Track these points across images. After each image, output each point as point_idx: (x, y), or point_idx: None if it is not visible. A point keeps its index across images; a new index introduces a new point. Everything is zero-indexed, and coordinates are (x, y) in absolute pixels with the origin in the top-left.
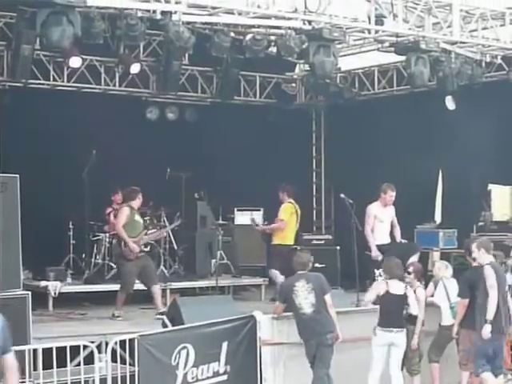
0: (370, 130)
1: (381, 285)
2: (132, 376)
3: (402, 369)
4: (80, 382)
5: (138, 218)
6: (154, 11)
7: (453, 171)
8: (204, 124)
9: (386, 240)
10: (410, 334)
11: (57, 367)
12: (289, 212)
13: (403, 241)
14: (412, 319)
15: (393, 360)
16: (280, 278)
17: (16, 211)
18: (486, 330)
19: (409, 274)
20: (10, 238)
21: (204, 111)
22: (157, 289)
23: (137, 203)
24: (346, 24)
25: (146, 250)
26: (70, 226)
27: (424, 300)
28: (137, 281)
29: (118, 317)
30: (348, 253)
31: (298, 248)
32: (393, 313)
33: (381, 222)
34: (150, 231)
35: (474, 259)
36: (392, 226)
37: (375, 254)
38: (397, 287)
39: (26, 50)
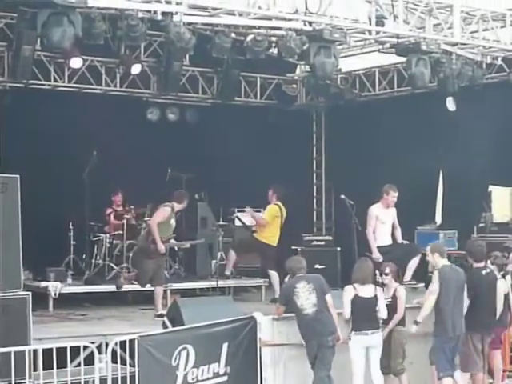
0: (370, 131)
1: (349, 290)
2: (132, 377)
3: (389, 372)
4: (80, 382)
5: (173, 221)
6: (155, 12)
7: (453, 172)
8: (205, 125)
9: (388, 241)
10: (396, 334)
11: (57, 368)
12: (273, 214)
13: (404, 242)
14: (401, 320)
15: (372, 362)
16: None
17: (16, 212)
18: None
19: (386, 275)
20: (10, 239)
21: (205, 112)
22: (160, 290)
23: (179, 207)
24: (347, 25)
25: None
26: (71, 227)
27: (404, 298)
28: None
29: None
30: (348, 254)
31: (299, 249)
32: (365, 315)
33: (382, 223)
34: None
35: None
36: (393, 228)
37: (376, 255)
38: (366, 290)
39: (27, 50)
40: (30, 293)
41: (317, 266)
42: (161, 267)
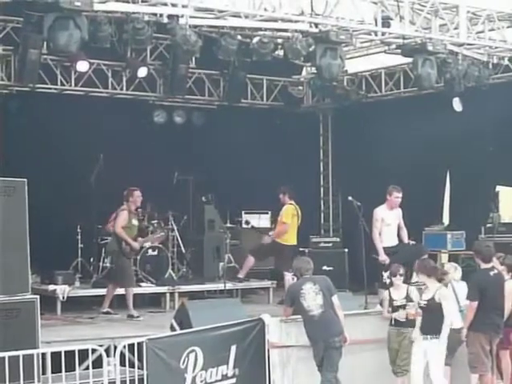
0: (377, 133)
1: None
2: (141, 379)
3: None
4: None
5: (135, 221)
6: (161, 15)
7: (460, 173)
8: (211, 127)
9: (394, 242)
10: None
11: (65, 371)
12: (290, 214)
13: (411, 242)
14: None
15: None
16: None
17: (24, 215)
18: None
19: (400, 275)
20: (18, 242)
21: (211, 114)
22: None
23: (132, 205)
24: (353, 26)
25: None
26: (78, 230)
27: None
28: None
29: (137, 317)
30: (356, 255)
31: (306, 251)
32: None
33: (388, 225)
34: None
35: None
36: (399, 228)
37: (382, 257)
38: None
39: (33, 54)
40: (38, 296)
41: (324, 267)
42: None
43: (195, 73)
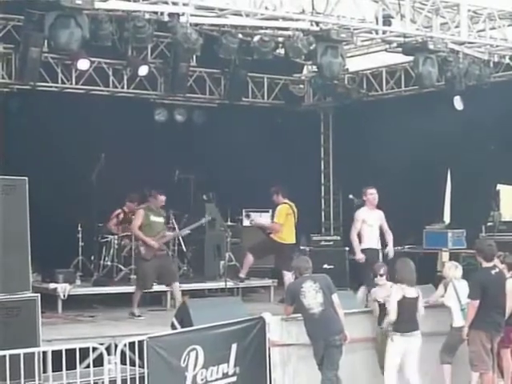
0: (378, 131)
1: (398, 291)
2: (141, 378)
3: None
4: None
5: (154, 218)
6: (162, 13)
7: (461, 171)
8: (212, 125)
9: (375, 244)
10: None
11: (66, 369)
12: (284, 213)
13: (391, 250)
14: None
15: (411, 363)
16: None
17: (25, 214)
18: None
19: (381, 276)
20: (18, 241)
21: (212, 113)
22: (174, 287)
23: (155, 202)
24: (354, 25)
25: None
26: (79, 229)
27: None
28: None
29: (139, 316)
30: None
31: (307, 249)
32: (410, 317)
33: (369, 226)
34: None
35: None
36: (384, 232)
37: (359, 256)
38: (411, 291)
39: (34, 52)
40: (38, 295)
41: (325, 265)
42: (163, 266)
43: (196, 71)
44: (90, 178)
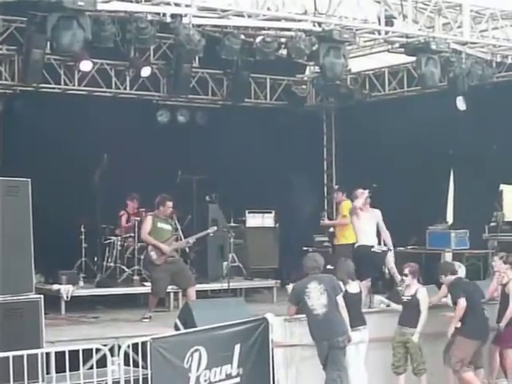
0: (380, 131)
1: None
2: (145, 379)
3: (402, 371)
4: None
5: (162, 224)
6: (164, 14)
7: (464, 172)
8: (214, 127)
9: (370, 241)
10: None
11: (69, 370)
12: (347, 209)
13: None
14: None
15: (361, 357)
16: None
17: (28, 215)
18: None
19: (405, 275)
20: (21, 242)
21: (215, 114)
22: (190, 291)
23: (163, 210)
24: (356, 25)
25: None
26: (82, 230)
27: (427, 300)
28: (149, 284)
29: (145, 318)
30: None
31: (310, 250)
32: (356, 312)
33: (364, 223)
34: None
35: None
36: (381, 231)
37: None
38: (354, 286)
39: (37, 54)
40: (42, 296)
41: (328, 266)
42: (178, 271)
43: (198, 72)
44: (92, 179)
